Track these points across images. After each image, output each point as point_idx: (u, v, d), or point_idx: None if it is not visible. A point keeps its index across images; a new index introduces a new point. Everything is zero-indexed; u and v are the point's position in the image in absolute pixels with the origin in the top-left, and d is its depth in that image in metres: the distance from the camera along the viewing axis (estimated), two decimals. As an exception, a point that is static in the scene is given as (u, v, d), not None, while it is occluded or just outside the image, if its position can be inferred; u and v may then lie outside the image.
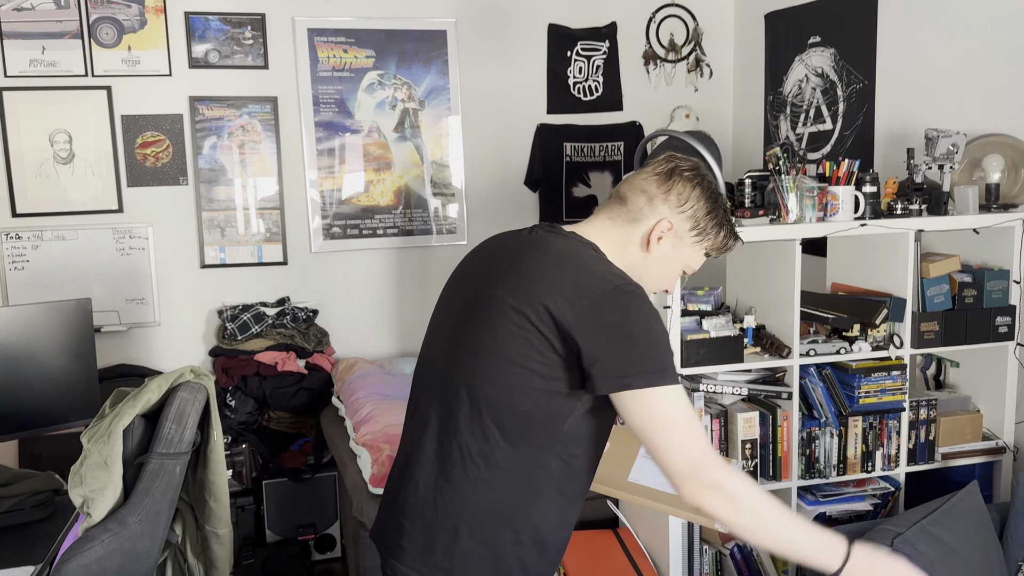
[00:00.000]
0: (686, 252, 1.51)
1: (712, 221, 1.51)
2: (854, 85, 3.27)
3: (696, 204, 1.49)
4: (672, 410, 1.30)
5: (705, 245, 1.52)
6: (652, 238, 1.47)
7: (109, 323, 3.51)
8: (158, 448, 1.63)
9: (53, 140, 3.42)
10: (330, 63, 3.68)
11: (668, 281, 1.55)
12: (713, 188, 1.52)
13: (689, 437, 1.30)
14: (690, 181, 1.49)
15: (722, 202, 1.52)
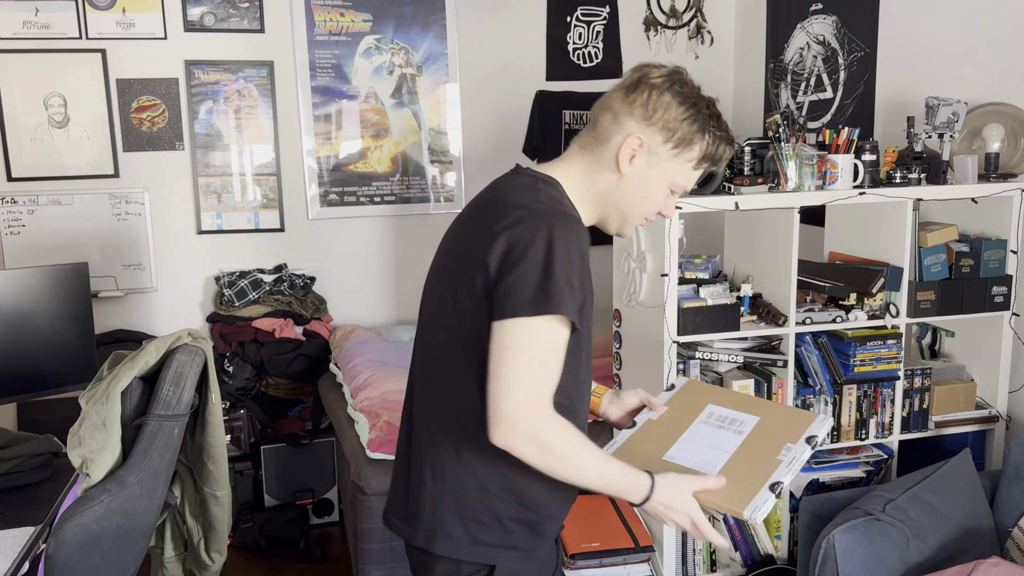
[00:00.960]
0: (667, 168, 1.37)
1: (691, 128, 1.35)
2: (855, 53, 3.24)
3: (667, 113, 1.34)
4: (534, 342, 1.24)
5: (688, 157, 1.37)
6: (621, 158, 1.36)
7: (106, 289, 3.50)
8: (156, 410, 1.64)
9: (48, 104, 3.39)
10: (327, 27, 3.64)
11: (652, 204, 1.41)
12: (689, 91, 1.36)
13: (532, 380, 1.24)
14: (657, 88, 1.35)
15: (704, 105, 1.36)
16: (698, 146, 1.37)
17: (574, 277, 1.26)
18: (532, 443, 1.24)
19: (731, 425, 1.56)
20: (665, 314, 2.38)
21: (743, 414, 1.58)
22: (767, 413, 1.58)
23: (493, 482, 1.38)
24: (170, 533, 2.03)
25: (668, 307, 2.37)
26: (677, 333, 2.39)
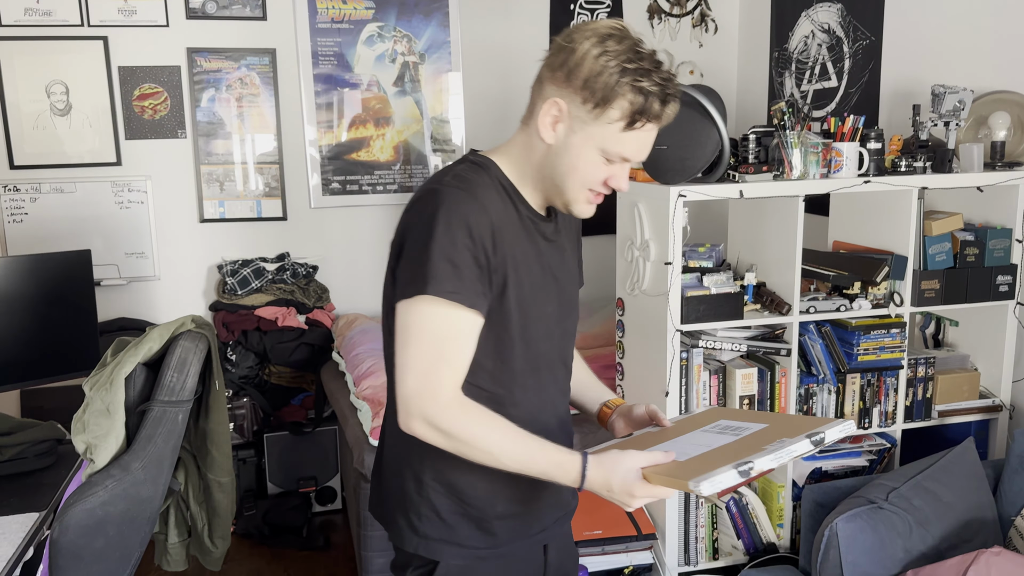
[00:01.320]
0: (594, 133, 1.23)
1: (608, 84, 1.20)
2: (860, 41, 3.23)
3: (582, 70, 1.21)
4: (420, 325, 1.20)
5: (611, 118, 1.22)
6: (541, 126, 1.26)
7: (109, 277, 3.50)
8: (160, 396, 1.64)
9: (50, 91, 3.38)
10: (329, 14, 3.62)
11: (584, 174, 1.27)
12: (613, 45, 1.20)
13: (422, 364, 1.20)
14: (576, 45, 1.22)
15: (629, 58, 1.20)
16: (619, 103, 1.21)
17: (458, 256, 1.19)
18: (431, 428, 1.20)
19: (732, 431, 1.38)
20: (668, 303, 2.37)
21: (753, 424, 1.38)
22: (783, 422, 1.38)
23: (427, 474, 1.35)
24: (174, 519, 2.04)
25: (671, 296, 2.37)
26: (680, 322, 2.39)
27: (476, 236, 1.21)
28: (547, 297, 1.36)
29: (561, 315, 1.40)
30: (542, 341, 1.35)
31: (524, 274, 1.30)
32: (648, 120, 1.23)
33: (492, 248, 1.24)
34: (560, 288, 1.39)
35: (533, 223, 1.34)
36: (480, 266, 1.23)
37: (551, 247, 1.38)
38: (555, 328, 1.38)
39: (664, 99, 1.22)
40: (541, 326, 1.34)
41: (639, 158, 1.28)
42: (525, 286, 1.30)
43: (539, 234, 1.35)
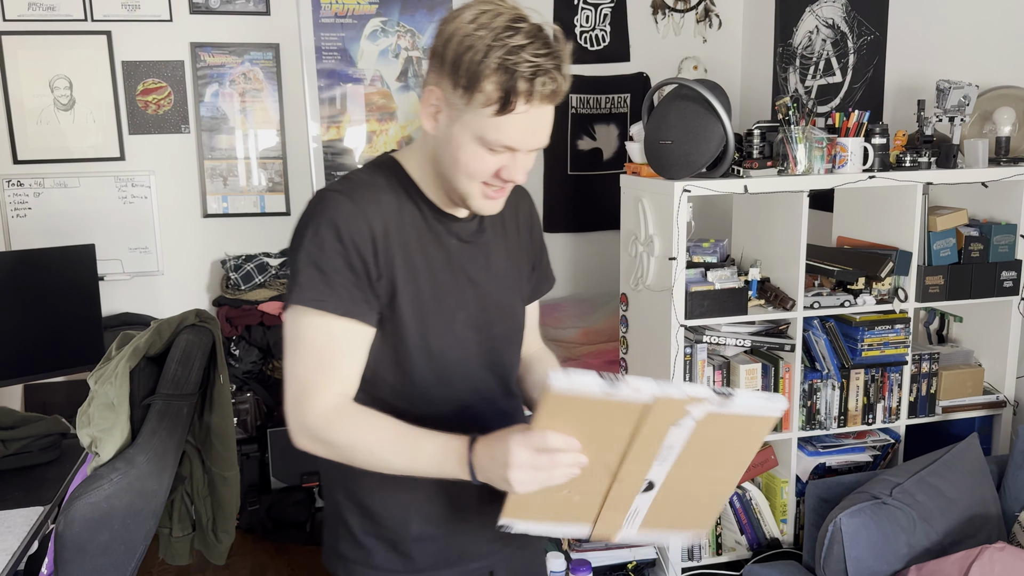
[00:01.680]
0: (469, 121, 1.11)
1: (474, 62, 1.07)
2: (865, 37, 3.22)
3: (448, 51, 1.10)
4: (295, 336, 1.15)
5: (481, 102, 1.09)
6: (423, 116, 1.17)
7: (112, 272, 3.50)
8: (165, 389, 1.64)
9: (53, 86, 3.38)
10: (332, 9, 3.62)
11: (468, 167, 1.15)
12: (485, 17, 1.08)
13: (299, 376, 1.15)
14: (445, 23, 1.11)
15: (501, 30, 1.07)
16: (486, 85, 1.08)
17: (326, 262, 1.13)
18: (312, 440, 1.15)
19: None
20: (673, 298, 2.37)
21: None
22: None
23: (340, 492, 1.29)
24: (178, 513, 2.04)
25: (676, 291, 2.37)
26: (684, 317, 2.39)
27: (348, 241, 1.14)
28: (457, 303, 1.25)
29: (483, 321, 1.28)
30: (450, 351, 1.24)
31: (424, 280, 1.21)
32: (523, 101, 1.08)
33: (373, 253, 1.16)
34: (480, 292, 1.28)
35: (441, 223, 1.24)
36: (356, 272, 1.15)
37: (467, 248, 1.27)
38: (471, 336, 1.27)
39: (533, 75, 1.07)
40: (448, 335, 1.24)
41: (528, 145, 1.14)
42: (424, 292, 1.21)
43: (451, 235, 1.25)
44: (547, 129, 1.15)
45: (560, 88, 1.11)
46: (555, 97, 1.11)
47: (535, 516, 1.11)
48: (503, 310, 1.32)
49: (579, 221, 3.95)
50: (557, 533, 1.15)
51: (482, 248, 1.29)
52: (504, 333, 1.32)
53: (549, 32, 1.10)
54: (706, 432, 1.08)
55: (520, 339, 1.38)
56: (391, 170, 1.24)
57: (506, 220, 1.34)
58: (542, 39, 1.08)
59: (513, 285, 1.35)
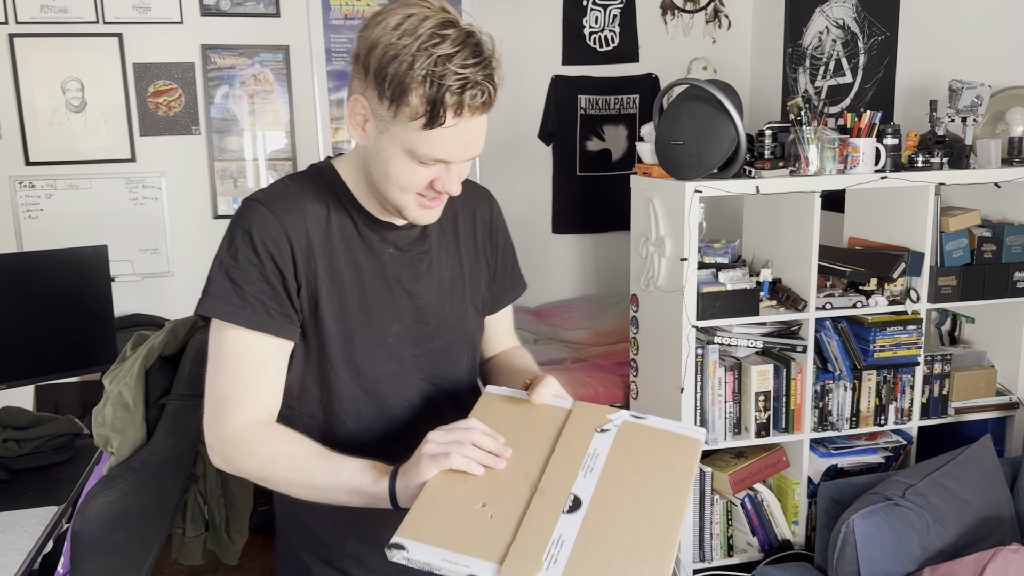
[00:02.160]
0: (397, 133, 1.06)
1: (401, 71, 1.01)
2: (876, 37, 3.21)
3: (371, 59, 1.03)
4: (214, 350, 1.11)
5: (408, 115, 1.03)
6: (350, 126, 1.11)
7: (123, 273, 3.52)
8: (180, 389, 1.64)
9: (65, 88, 3.40)
10: (342, 11, 3.63)
11: (399, 179, 1.09)
12: (410, 22, 1.01)
13: (217, 387, 1.11)
14: (367, 27, 1.05)
15: (428, 37, 1.00)
16: (412, 98, 1.01)
17: (240, 274, 1.09)
18: (231, 455, 1.09)
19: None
20: (684, 299, 2.37)
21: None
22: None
23: (279, 507, 1.26)
24: (191, 513, 2.04)
25: (687, 292, 2.37)
26: (696, 318, 2.38)
27: (263, 251, 1.10)
28: (389, 315, 1.19)
29: (421, 333, 1.22)
30: (380, 365, 1.19)
31: (351, 292, 1.16)
32: (452, 114, 1.02)
33: (292, 264, 1.11)
34: (418, 304, 1.21)
35: (376, 232, 1.18)
36: (272, 284, 1.11)
37: (405, 257, 1.21)
38: (406, 349, 1.21)
39: (462, 88, 1.01)
40: (377, 349, 1.18)
41: (461, 157, 1.08)
42: (351, 305, 1.16)
43: (386, 243, 1.19)
44: (480, 139, 1.09)
45: (491, 98, 1.05)
46: (486, 108, 1.06)
47: (438, 538, 0.94)
48: (445, 321, 1.25)
49: (588, 222, 3.94)
50: (456, 570, 0.91)
51: (423, 257, 1.23)
52: (446, 345, 1.26)
53: (480, 38, 1.04)
54: (629, 443, 1.06)
55: (470, 350, 1.31)
56: (324, 177, 1.19)
57: (459, 226, 1.29)
58: (471, 46, 1.03)
59: (461, 294, 1.27)
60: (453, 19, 1.04)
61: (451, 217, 1.27)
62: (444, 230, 1.26)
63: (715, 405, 2.47)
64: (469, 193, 1.28)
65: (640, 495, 1.00)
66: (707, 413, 2.47)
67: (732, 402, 2.49)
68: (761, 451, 2.60)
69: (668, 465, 1.04)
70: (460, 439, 1.01)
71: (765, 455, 2.58)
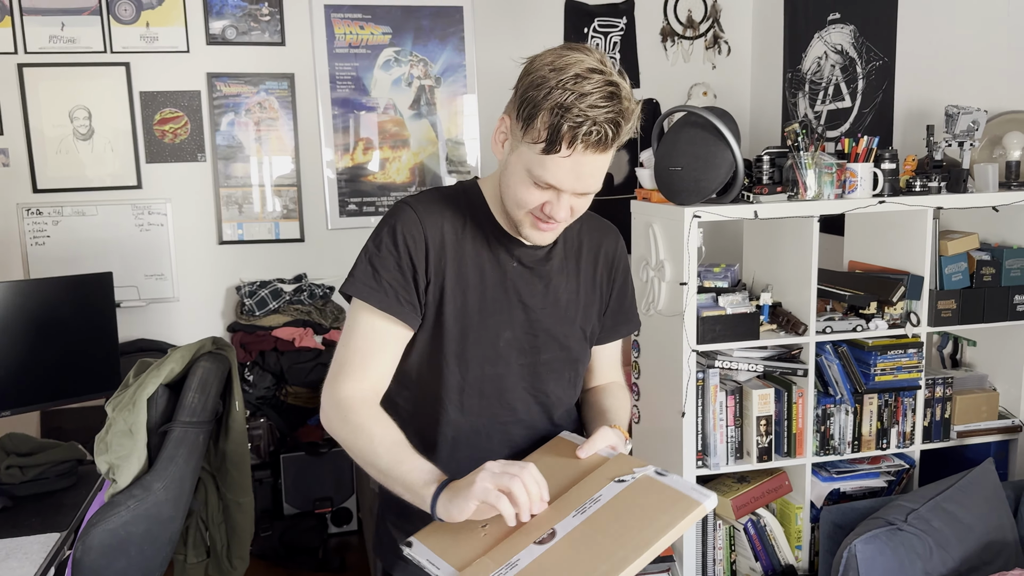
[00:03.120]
0: (522, 152, 1.18)
1: (538, 97, 1.13)
2: (874, 62, 3.24)
3: (522, 83, 1.17)
4: (348, 323, 1.27)
5: (532, 138, 1.15)
6: (493, 141, 1.25)
7: (128, 298, 3.54)
8: (182, 416, 1.66)
9: (73, 116, 3.45)
10: (347, 40, 3.68)
11: (516, 196, 1.21)
12: (565, 60, 1.13)
13: (341, 354, 1.26)
14: (529, 61, 1.18)
15: (575, 77, 1.11)
16: (538, 123, 1.14)
17: (380, 261, 1.25)
18: (335, 414, 1.23)
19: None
20: (684, 323, 2.38)
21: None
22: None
23: (380, 498, 1.43)
24: (193, 540, 2.05)
25: (687, 316, 2.38)
26: (696, 342, 2.39)
27: (402, 245, 1.25)
28: (502, 321, 1.31)
29: (530, 345, 1.33)
30: (488, 365, 1.31)
31: (473, 294, 1.29)
32: (566, 145, 1.12)
33: (425, 260, 1.26)
34: (531, 317, 1.32)
35: (504, 246, 1.31)
36: (405, 274, 1.25)
37: (526, 273, 1.33)
38: (514, 356, 1.32)
39: (581, 123, 1.10)
40: (488, 349, 1.30)
41: (572, 188, 1.18)
42: (471, 305, 1.28)
43: (512, 257, 1.32)
44: (594, 176, 1.18)
45: (607, 140, 1.13)
46: (601, 147, 1.14)
47: (436, 543, 1.12)
48: (553, 338, 1.35)
49: (590, 246, 3.96)
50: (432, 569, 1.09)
51: (543, 276, 1.34)
52: (551, 361, 1.36)
53: (621, 91, 1.13)
54: (636, 495, 1.11)
55: (572, 372, 1.40)
56: (468, 191, 1.33)
57: (583, 255, 1.39)
58: (606, 93, 1.12)
59: (572, 317, 1.37)
60: (604, 69, 1.14)
61: (576, 246, 1.39)
62: (568, 256, 1.38)
63: (716, 429, 2.47)
64: (597, 228, 1.43)
65: (613, 536, 1.05)
66: (708, 437, 2.47)
67: (734, 426, 2.50)
68: (763, 475, 2.59)
69: (656, 515, 1.07)
70: (509, 486, 1.07)
71: (767, 480, 2.58)
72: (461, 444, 1.30)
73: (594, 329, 1.43)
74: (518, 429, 1.35)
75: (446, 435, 1.30)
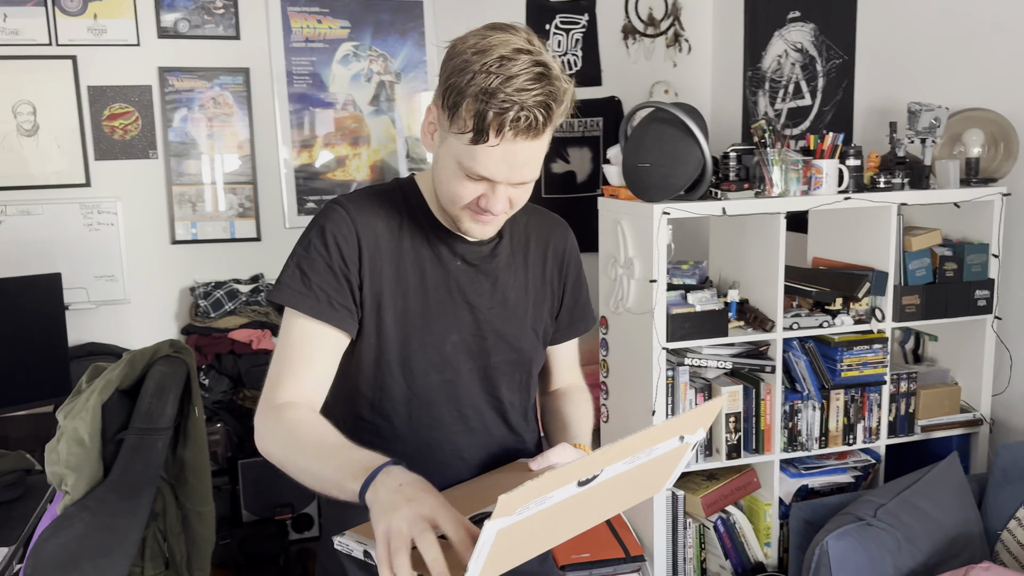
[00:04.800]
0: (451, 143, 1.11)
1: (462, 83, 1.06)
2: (834, 60, 3.27)
3: (445, 69, 1.10)
4: (281, 332, 1.18)
5: (459, 127, 1.08)
6: (421, 133, 1.19)
7: (77, 300, 3.41)
8: (138, 423, 1.58)
9: (16, 111, 3.30)
10: (303, 33, 3.59)
11: (449, 189, 1.14)
12: (489, 41, 1.06)
13: (274, 366, 1.16)
14: (452, 43, 1.11)
15: (498, 60, 1.04)
16: (464, 110, 1.06)
17: (309, 264, 1.16)
18: (256, 439, 1.12)
19: None
20: (654, 320, 2.36)
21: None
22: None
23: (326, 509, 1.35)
24: (150, 551, 1.96)
25: (656, 313, 2.36)
26: (666, 340, 2.37)
27: (332, 245, 1.16)
28: (448, 324, 1.23)
29: (479, 347, 1.25)
30: (435, 372, 1.22)
31: (413, 296, 1.20)
32: (494, 133, 1.05)
33: (359, 261, 1.17)
34: (478, 318, 1.25)
35: (445, 244, 1.23)
36: (337, 276, 1.16)
37: (471, 271, 1.25)
38: (463, 360, 1.24)
39: (507, 108, 1.03)
40: (433, 355, 1.22)
41: (505, 179, 1.11)
42: (412, 309, 1.20)
43: (455, 256, 1.24)
44: (529, 164, 1.11)
45: (537, 125, 1.06)
46: (531, 133, 1.07)
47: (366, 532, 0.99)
48: (503, 339, 1.27)
49: (554, 244, 3.93)
50: (353, 548, 1.00)
51: (489, 273, 1.26)
52: (501, 364, 1.28)
53: (551, 71, 1.06)
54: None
55: (524, 374, 1.32)
56: (404, 188, 1.26)
57: (530, 251, 1.32)
58: (534, 75, 1.05)
59: (522, 316, 1.30)
60: (531, 49, 1.07)
61: (523, 241, 1.31)
62: (515, 252, 1.30)
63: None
64: (546, 222, 1.36)
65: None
66: (678, 436, 2.45)
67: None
68: (732, 473, 2.59)
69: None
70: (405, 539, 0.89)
71: (736, 476, 2.58)
72: (413, 460, 1.07)
73: (547, 328, 1.35)
74: (468, 436, 1.26)
75: (395, 452, 1.07)
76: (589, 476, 0.93)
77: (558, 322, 1.38)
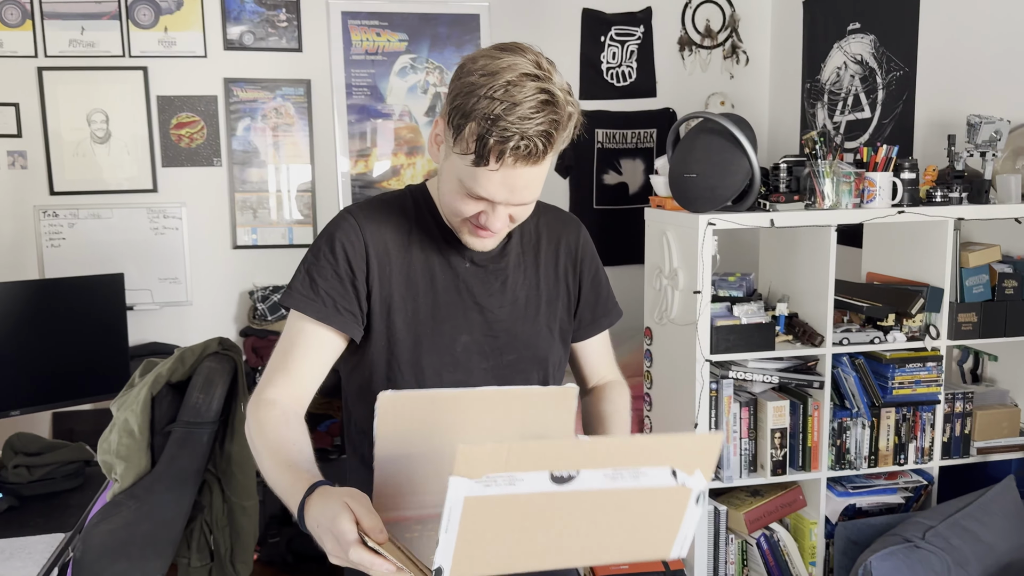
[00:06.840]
0: (454, 160, 1.12)
1: (468, 105, 1.07)
2: (894, 72, 3.20)
3: (454, 87, 1.11)
4: (284, 330, 1.22)
5: (461, 148, 1.10)
6: (429, 143, 1.20)
7: (141, 301, 3.55)
8: (186, 416, 1.64)
9: (91, 120, 3.46)
10: (363, 46, 3.68)
11: (451, 204, 1.17)
12: (499, 63, 1.07)
13: (269, 364, 1.20)
14: (463, 60, 1.13)
15: (507, 86, 1.05)
16: (467, 132, 1.08)
17: (317, 269, 1.20)
18: (251, 419, 1.15)
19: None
20: (698, 332, 2.34)
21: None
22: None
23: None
24: (196, 543, 2.03)
25: (701, 325, 2.34)
26: (710, 352, 2.35)
27: (340, 252, 1.21)
28: (458, 325, 1.25)
29: (491, 347, 1.27)
30: (447, 372, 1.24)
31: (423, 299, 1.23)
32: (494, 158, 1.06)
33: (366, 268, 1.21)
34: (488, 318, 1.26)
35: (454, 246, 1.26)
36: (343, 282, 1.20)
37: (480, 272, 1.27)
38: (475, 361, 1.26)
39: (509, 136, 1.04)
40: (445, 356, 1.24)
41: (504, 200, 1.12)
42: (422, 312, 1.23)
43: (463, 258, 1.26)
44: (529, 188, 1.12)
45: (537, 152, 1.07)
46: (531, 160, 1.08)
47: None
48: (515, 338, 1.28)
49: (604, 255, 3.84)
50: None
51: (498, 273, 1.28)
52: (516, 362, 1.29)
53: (557, 98, 1.07)
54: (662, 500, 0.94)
55: (540, 371, 1.32)
56: (414, 194, 1.28)
57: (542, 250, 1.33)
58: (539, 102, 1.06)
59: (534, 314, 1.31)
60: (539, 74, 1.08)
61: (534, 240, 1.32)
62: (525, 252, 1.32)
63: (730, 442, 2.43)
64: (557, 220, 1.37)
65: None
66: (722, 450, 2.42)
67: (748, 439, 2.45)
68: (777, 489, 2.54)
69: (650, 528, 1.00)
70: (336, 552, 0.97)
71: (781, 494, 2.53)
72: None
73: (563, 325, 1.35)
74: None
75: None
76: (563, 471, 0.86)
77: (579, 318, 1.38)
